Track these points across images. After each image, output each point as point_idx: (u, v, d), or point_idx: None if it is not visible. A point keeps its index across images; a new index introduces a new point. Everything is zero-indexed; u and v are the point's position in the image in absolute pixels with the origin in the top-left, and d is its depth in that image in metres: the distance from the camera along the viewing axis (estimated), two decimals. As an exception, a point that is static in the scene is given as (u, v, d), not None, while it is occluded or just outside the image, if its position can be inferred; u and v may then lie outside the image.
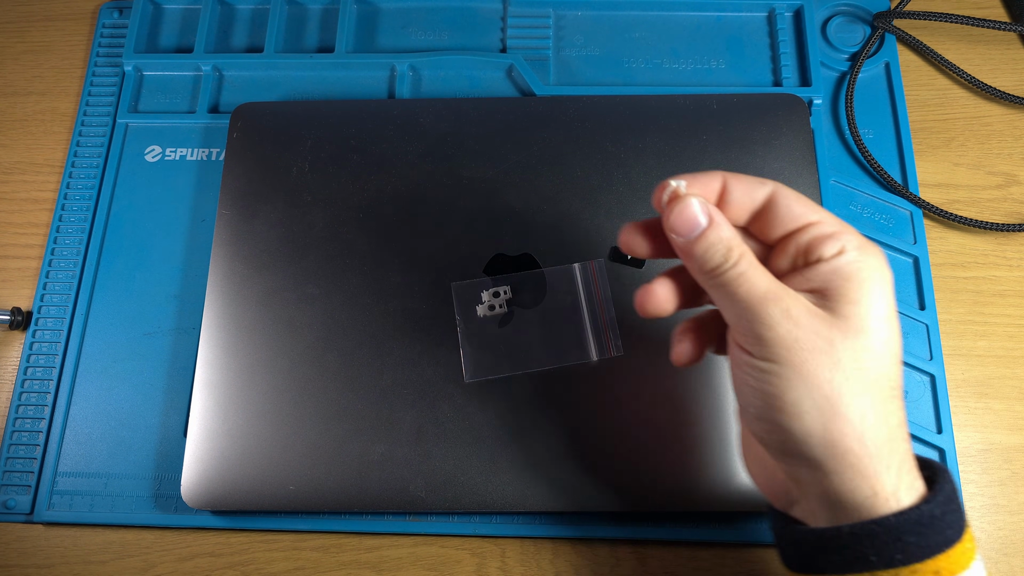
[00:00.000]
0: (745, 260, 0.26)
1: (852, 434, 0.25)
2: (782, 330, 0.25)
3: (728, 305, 0.26)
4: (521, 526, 0.40)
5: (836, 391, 0.25)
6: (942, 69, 0.51)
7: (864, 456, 0.25)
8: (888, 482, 0.25)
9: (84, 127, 0.50)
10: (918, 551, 0.25)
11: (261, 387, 0.40)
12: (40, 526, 0.42)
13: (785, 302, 0.25)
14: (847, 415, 0.25)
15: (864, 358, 0.25)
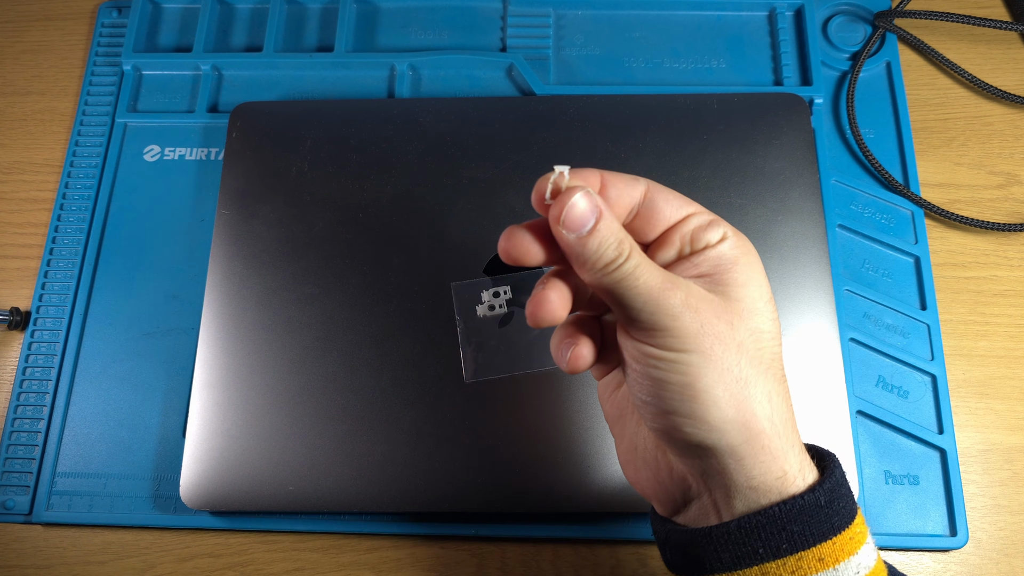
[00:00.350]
0: (636, 252, 0.25)
1: (762, 416, 0.25)
2: (686, 318, 0.25)
3: (625, 300, 0.25)
4: (521, 527, 0.40)
5: (743, 374, 0.25)
6: (943, 68, 0.51)
7: (774, 437, 0.25)
8: (793, 462, 0.25)
9: (83, 127, 0.50)
10: (802, 539, 0.25)
11: (260, 387, 0.40)
12: (39, 527, 0.42)
13: (682, 290, 0.25)
14: (756, 397, 0.25)
15: (760, 339, 0.26)
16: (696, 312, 0.25)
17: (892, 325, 0.43)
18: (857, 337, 0.43)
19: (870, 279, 0.44)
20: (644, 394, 0.26)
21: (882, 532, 0.39)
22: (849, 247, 0.45)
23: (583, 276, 0.26)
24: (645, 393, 0.26)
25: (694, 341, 0.25)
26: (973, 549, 0.40)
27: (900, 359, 0.42)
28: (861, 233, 0.45)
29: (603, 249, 0.25)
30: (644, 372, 0.26)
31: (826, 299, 0.41)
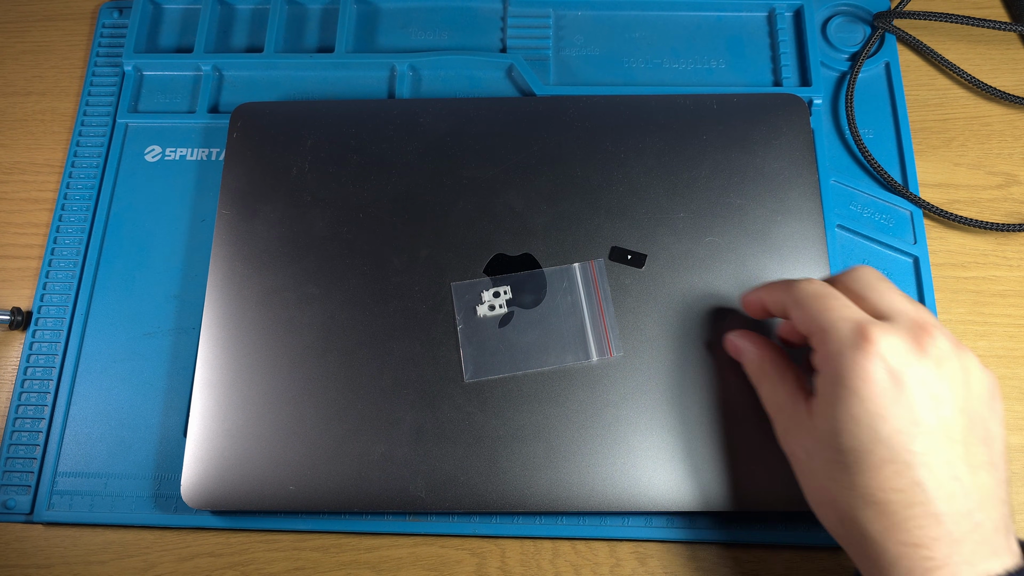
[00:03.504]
0: (765, 373, 0.35)
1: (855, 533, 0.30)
2: (778, 426, 0.35)
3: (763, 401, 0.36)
4: (521, 526, 0.40)
5: (819, 480, 0.32)
6: (942, 69, 0.51)
7: (877, 542, 0.30)
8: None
9: (84, 127, 0.50)
10: None
11: (261, 387, 0.40)
12: (40, 526, 0.42)
13: (786, 408, 0.34)
14: (822, 504, 0.33)
15: (840, 470, 0.30)
16: (789, 431, 0.34)
17: (891, 325, 0.43)
18: (856, 337, 0.43)
19: (869, 279, 0.44)
20: None
21: (881, 531, 0.39)
22: (848, 247, 0.45)
23: None
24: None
25: (784, 442, 0.35)
26: (972, 548, 0.40)
27: (899, 359, 0.43)
28: (860, 233, 0.45)
29: (745, 363, 0.38)
30: None
31: (825, 299, 0.41)
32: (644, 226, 0.42)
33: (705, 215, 0.42)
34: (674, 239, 0.42)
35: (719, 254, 0.42)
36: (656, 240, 0.42)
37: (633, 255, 0.30)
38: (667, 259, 0.42)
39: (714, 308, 0.41)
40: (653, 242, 0.42)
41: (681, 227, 0.42)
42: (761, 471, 0.38)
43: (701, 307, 0.41)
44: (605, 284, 0.41)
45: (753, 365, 0.36)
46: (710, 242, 0.42)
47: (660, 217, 0.42)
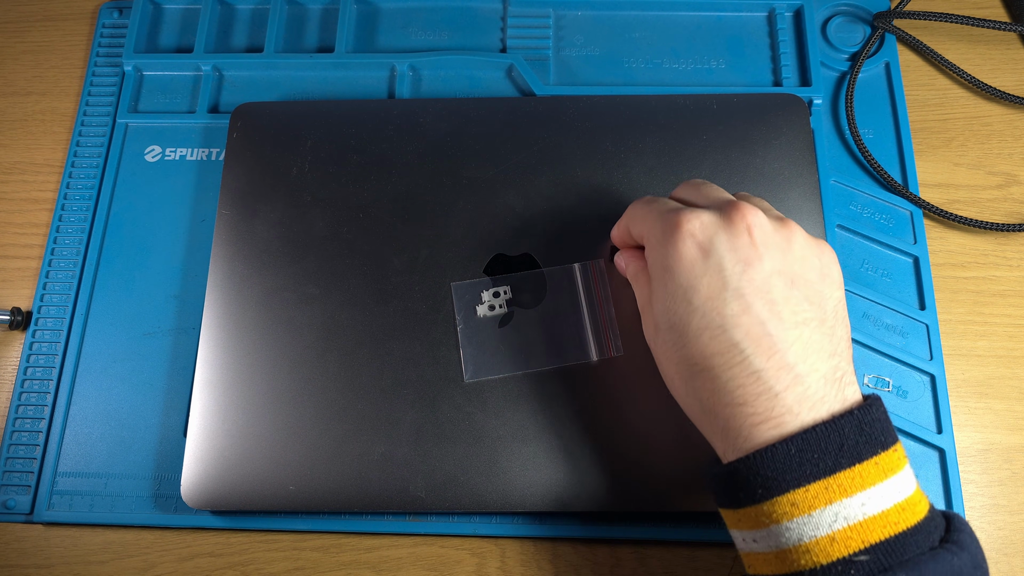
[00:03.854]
0: (631, 275, 0.37)
1: (681, 395, 0.33)
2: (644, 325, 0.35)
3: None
4: (521, 526, 0.40)
5: (658, 354, 0.34)
6: (942, 69, 0.51)
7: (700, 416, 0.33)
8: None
9: (84, 127, 0.50)
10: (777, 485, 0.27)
11: (261, 387, 0.40)
12: (40, 526, 0.42)
13: (646, 307, 0.35)
14: (668, 375, 0.33)
15: (670, 348, 0.32)
16: (646, 315, 0.35)
17: (891, 325, 0.43)
18: (856, 337, 0.43)
19: (869, 279, 0.44)
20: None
21: (881, 531, 0.40)
22: (848, 247, 0.45)
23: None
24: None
25: (646, 334, 0.35)
26: (972, 548, 0.40)
27: (899, 359, 0.43)
28: (860, 233, 0.45)
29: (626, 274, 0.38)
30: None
31: (825, 299, 0.41)
32: (644, 226, 0.42)
33: (705, 215, 0.42)
34: (674, 239, 0.42)
35: (719, 254, 0.42)
36: (656, 240, 0.42)
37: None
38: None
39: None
40: (653, 242, 0.42)
41: (681, 227, 0.42)
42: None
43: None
44: (605, 284, 0.41)
45: (629, 274, 0.37)
46: (710, 242, 0.42)
47: (660, 217, 0.42)
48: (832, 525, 0.26)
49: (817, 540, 0.26)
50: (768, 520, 0.27)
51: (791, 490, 0.27)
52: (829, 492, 0.26)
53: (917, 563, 0.26)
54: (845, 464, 0.27)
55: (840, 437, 0.27)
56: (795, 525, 0.27)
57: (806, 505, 0.26)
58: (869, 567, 0.26)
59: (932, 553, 0.26)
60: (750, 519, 0.28)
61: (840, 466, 0.27)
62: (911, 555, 0.26)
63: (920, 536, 0.27)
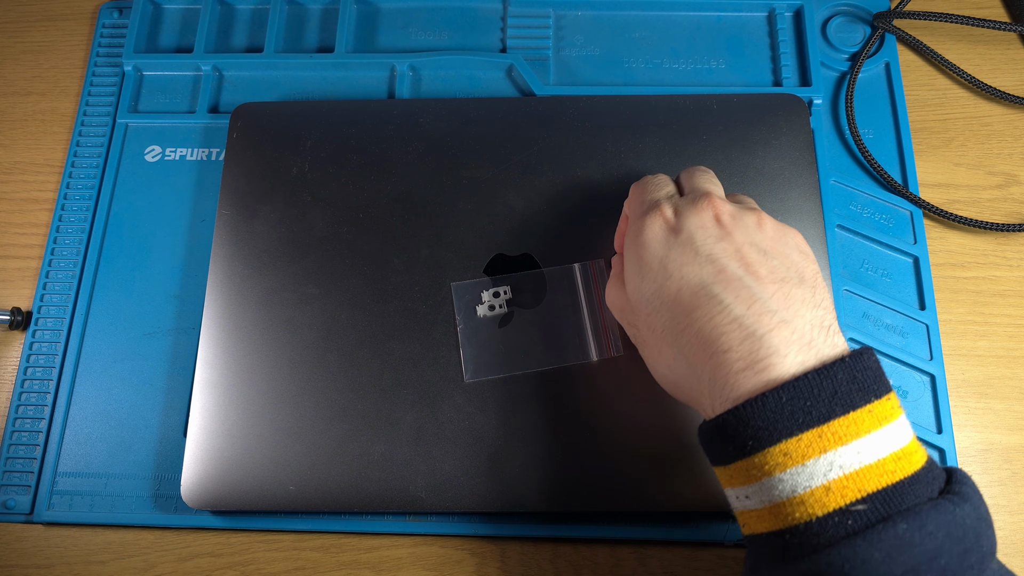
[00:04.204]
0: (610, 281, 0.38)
1: (670, 372, 0.33)
2: (622, 321, 0.37)
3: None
4: (521, 526, 0.40)
5: (644, 338, 0.35)
6: (942, 69, 0.51)
7: (695, 385, 0.32)
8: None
9: (84, 127, 0.50)
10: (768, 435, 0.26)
11: (261, 387, 0.40)
12: (40, 526, 0.42)
13: (618, 305, 0.37)
14: (656, 359, 0.34)
15: (640, 314, 0.33)
16: (621, 312, 0.37)
17: (891, 325, 0.43)
18: (856, 337, 0.43)
19: (869, 279, 0.44)
20: None
21: (881, 531, 0.40)
22: (848, 247, 0.45)
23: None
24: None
25: (635, 342, 0.37)
26: (972, 548, 0.40)
27: (899, 359, 0.43)
28: (860, 233, 0.45)
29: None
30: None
31: (825, 299, 0.41)
32: (644, 226, 0.42)
33: (705, 215, 0.42)
34: (674, 239, 0.42)
35: (719, 254, 0.42)
36: (656, 240, 0.42)
37: None
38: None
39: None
40: (653, 242, 0.42)
41: (681, 227, 0.42)
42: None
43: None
44: (605, 284, 0.41)
45: (618, 248, 0.38)
46: (710, 242, 0.42)
47: (660, 217, 0.42)
48: (827, 474, 0.25)
49: (812, 491, 0.25)
50: (759, 473, 0.26)
51: (783, 440, 0.26)
52: (823, 440, 0.25)
53: (918, 512, 0.25)
54: (839, 412, 0.26)
55: (833, 384, 0.26)
56: (788, 476, 0.26)
57: (799, 455, 0.25)
58: (867, 516, 0.25)
59: (932, 503, 0.25)
60: (741, 474, 0.27)
61: (833, 414, 0.26)
62: (910, 504, 0.25)
63: (919, 486, 0.26)
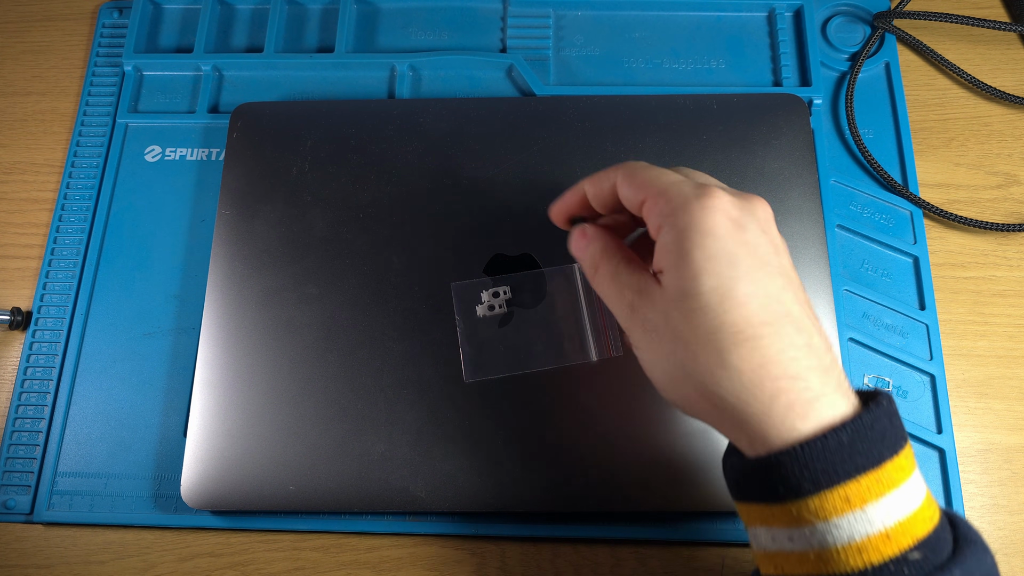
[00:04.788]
0: (604, 263, 0.32)
1: (713, 389, 0.27)
2: (632, 320, 0.30)
3: (601, 295, 0.33)
4: (521, 526, 0.40)
5: (681, 358, 0.28)
6: (942, 69, 0.51)
7: (740, 407, 0.27)
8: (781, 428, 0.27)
9: (84, 127, 0.50)
10: (827, 478, 0.24)
11: (261, 387, 0.40)
12: (40, 526, 0.42)
13: (629, 294, 0.30)
14: (714, 377, 0.27)
15: (691, 317, 0.27)
16: (638, 312, 0.30)
17: (891, 325, 0.43)
18: (856, 337, 0.43)
19: (869, 279, 0.44)
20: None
21: (881, 531, 0.40)
22: (848, 247, 0.45)
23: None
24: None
25: (639, 337, 0.30)
26: (972, 548, 0.40)
27: (899, 359, 0.43)
28: (860, 233, 0.45)
29: (585, 265, 0.33)
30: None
31: (825, 299, 0.41)
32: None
33: (705, 215, 0.42)
34: (674, 239, 0.42)
35: (719, 254, 0.42)
36: (656, 240, 0.42)
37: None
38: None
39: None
40: (653, 242, 0.42)
41: (681, 227, 0.42)
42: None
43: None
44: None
45: (592, 252, 0.33)
46: (710, 242, 0.42)
47: (660, 217, 0.42)
48: (885, 521, 0.24)
49: (870, 538, 0.24)
50: (814, 517, 0.24)
51: (843, 483, 0.24)
52: (880, 485, 0.24)
53: (964, 559, 0.24)
54: (887, 454, 0.25)
55: (881, 426, 0.25)
56: (846, 522, 0.24)
57: (858, 499, 0.24)
58: (922, 566, 0.24)
59: (970, 548, 0.25)
60: (788, 516, 0.25)
61: (884, 457, 0.25)
62: (947, 551, 0.24)
63: (946, 531, 0.25)
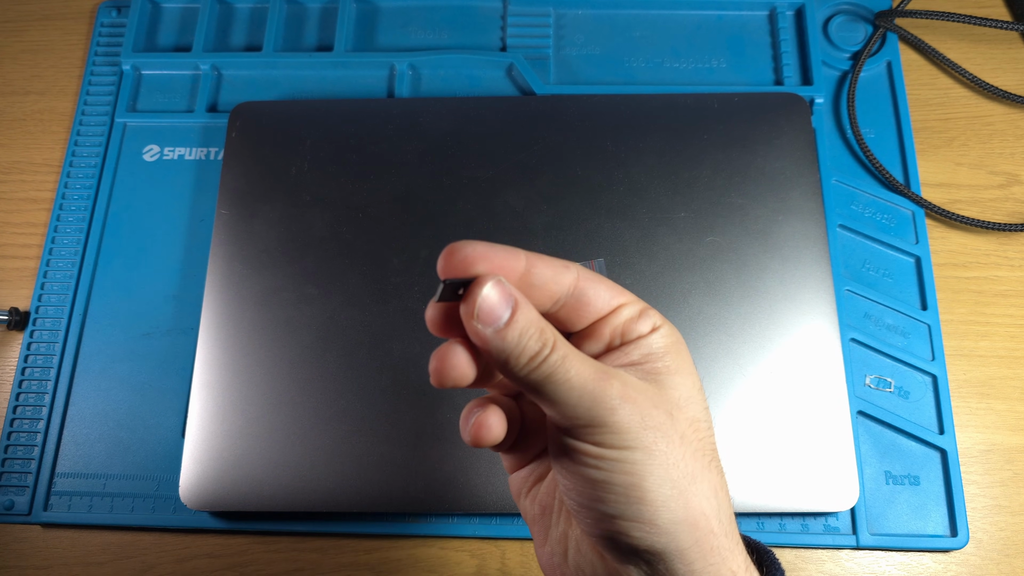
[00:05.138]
0: (562, 342, 0.23)
1: (711, 513, 0.23)
2: (626, 411, 0.22)
3: (558, 396, 0.22)
4: (521, 527, 0.40)
5: (689, 469, 0.23)
6: (944, 68, 0.51)
7: (721, 536, 0.23)
8: (740, 562, 0.24)
9: (82, 126, 0.50)
10: None
11: (260, 388, 0.40)
12: (38, 527, 0.42)
13: (618, 380, 0.23)
14: (703, 493, 0.23)
15: (698, 429, 0.24)
16: (635, 403, 0.23)
17: (893, 325, 0.43)
18: (858, 337, 0.43)
19: (871, 279, 0.44)
20: (583, 498, 0.23)
21: (882, 533, 0.39)
22: (850, 247, 0.45)
23: (510, 377, 0.23)
24: (584, 497, 0.23)
25: (636, 436, 0.22)
26: (974, 550, 0.40)
27: (901, 359, 0.42)
28: (862, 233, 0.45)
29: (524, 341, 0.22)
30: (582, 474, 0.23)
31: (827, 299, 0.41)
32: (645, 226, 0.42)
33: (706, 215, 0.42)
34: (675, 239, 0.42)
35: (720, 254, 0.42)
36: (657, 240, 0.42)
37: (465, 286, 0.23)
38: (668, 259, 0.41)
39: (714, 307, 0.41)
40: (654, 242, 0.42)
41: (682, 227, 0.42)
42: (756, 471, 0.38)
43: (702, 306, 0.41)
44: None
45: (543, 325, 0.24)
46: (711, 242, 0.42)
47: (661, 217, 0.42)
48: None
49: None
50: None
51: None
52: None
53: None
54: None
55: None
56: None
57: None
58: None
59: None
60: None
61: None
62: None
63: None
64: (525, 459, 0.27)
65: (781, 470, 0.38)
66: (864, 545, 0.39)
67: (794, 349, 0.40)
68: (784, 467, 0.38)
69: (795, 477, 0.38)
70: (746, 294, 0.41)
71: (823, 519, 0.40)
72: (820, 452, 0.38)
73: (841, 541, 0.39)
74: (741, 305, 0.41)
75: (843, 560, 0.40)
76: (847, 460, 0.38)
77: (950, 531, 0.39)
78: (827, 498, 0.38)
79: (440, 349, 0.24)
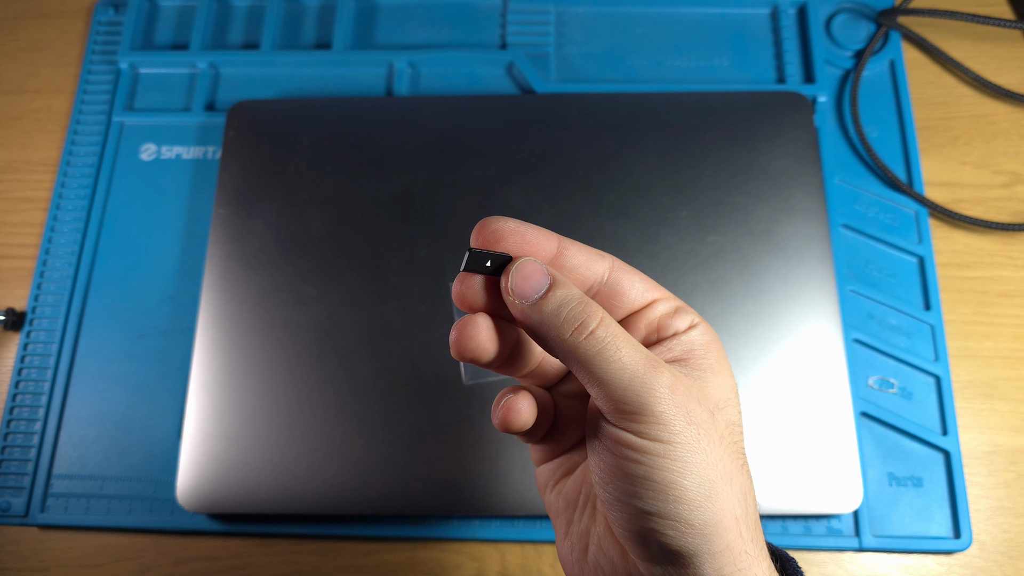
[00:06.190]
0: (611, 320, 0.22)
1: (740, 518, 0.22)
2: (674, 403, 0.21)
3: (606, 376, 0.22)
4: (521, 530, 0.40)
5: (726, 470, 0.22)
6: (947, 67, 0.50)
7: (749, 541, 0.23)
8: (765, 569, 0.23)
9: (79, 125, 0.50)
10: None
11: (257, 389, 0.40)
12: (35, 529, 0.42)
13: (668, 371, 0.22)
14: (736, 496, 0.22)
15: (734, 432, 0.23)
16: (682, 397, 0.22)
17: (896, 326, 0.43)
18: (861, 338, 0.42)
19: (874, 279, 0.44)
20: (619, 492, 0.22)
21: (885, 534, 0.39)
22: (853, 247, 0.45)
23: (554, 352, 0.23)
24: (620, 491, 0.22)
25: (680, 431, 0.21)
26: (977, 551, 0.40)
27: (904, 360, 0.42)
28: (865, 233, 0.45)
29: (565, 311, 0.22)
30: (619, 467, 0.22)
31: (830, 300, 0.41)
32: (646, 225, 0.42)
33: (708, 214, 0.42)
34: (677, 238, 0.42)
35: (722, 253, 0.41)
36: (658, 239, 0.42)
37: (493, 259, 0.23)
38: (670, 258, 0.41)
39: (717, 307, 0.40)
40: (655, 241, 0.41)
41: (684, 226, 0.42)
42: (759, 473, 0.38)
43: (704, 307, 0.40)
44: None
45: (586, 300, 0.24)
46: (713, 241, 0.41)
47: (662, 216, 0.42)
48: None
49: None
50: None
51: None
52: None
53: None
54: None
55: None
56: None
57: None
58: None
59: None
60: None
61: None
62: None
63: None
64: (555, 452, 0.27)
65: (784, 472, 0.38)
66: (867, 547, 0.39)
67: (797, 350, 0.40)
68: (787, 469, 0.37)
69: (798, 479, 0.38)
70: (748, 294, 0.41)
71: (826, 521, 0.39)
72: (823, 454, 0.38)
73: (844, 543, 0.39)
74: (743, 305, 0.40)
75: (846, 562, 0.39)
76: (850, 462, 0.38)
77: (953, 533, 0.39)
78: (830, 500, 0.38)
79: (461, 320, 0.24)
